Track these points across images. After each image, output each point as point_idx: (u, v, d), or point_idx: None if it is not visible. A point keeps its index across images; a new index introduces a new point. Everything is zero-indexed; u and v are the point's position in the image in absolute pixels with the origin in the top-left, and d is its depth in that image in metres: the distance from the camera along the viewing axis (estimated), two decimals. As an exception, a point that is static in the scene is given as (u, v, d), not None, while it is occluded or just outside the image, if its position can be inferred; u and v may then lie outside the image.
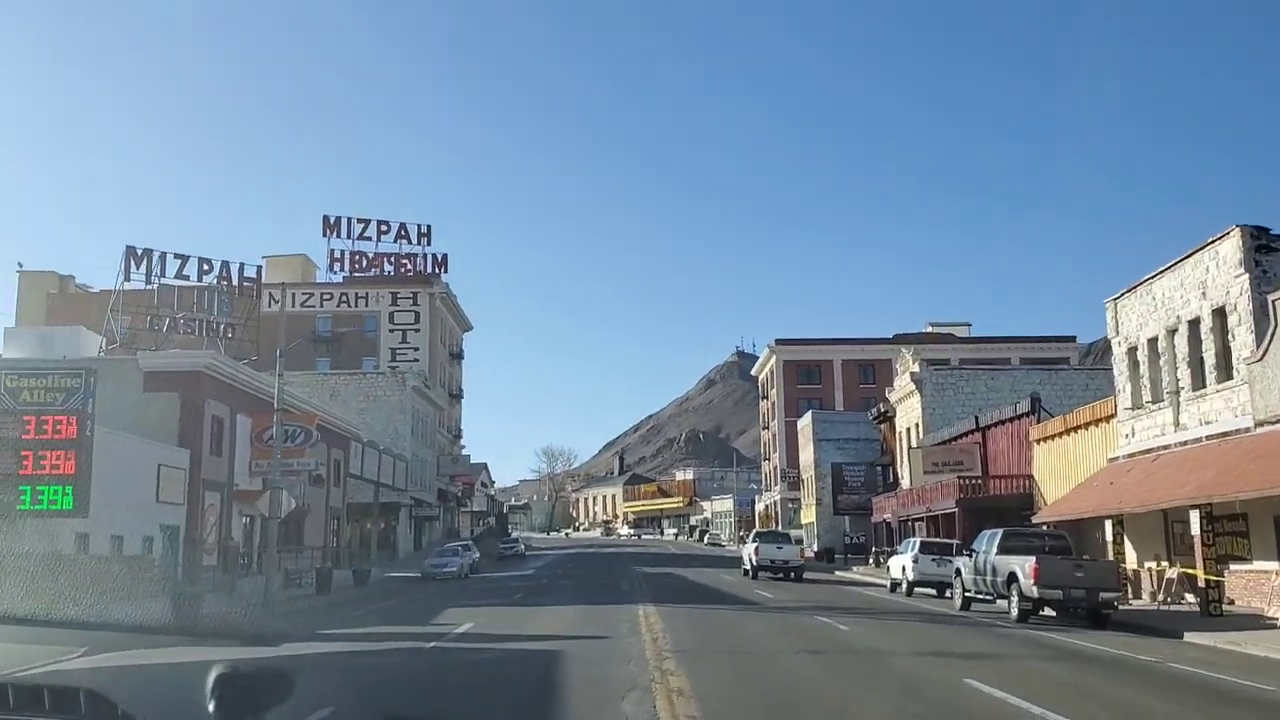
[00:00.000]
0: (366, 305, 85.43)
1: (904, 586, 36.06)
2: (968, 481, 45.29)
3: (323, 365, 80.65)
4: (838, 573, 56.91)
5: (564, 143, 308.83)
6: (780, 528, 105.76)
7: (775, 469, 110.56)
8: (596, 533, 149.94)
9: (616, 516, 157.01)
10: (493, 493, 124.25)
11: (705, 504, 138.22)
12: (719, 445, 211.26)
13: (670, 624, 22.07)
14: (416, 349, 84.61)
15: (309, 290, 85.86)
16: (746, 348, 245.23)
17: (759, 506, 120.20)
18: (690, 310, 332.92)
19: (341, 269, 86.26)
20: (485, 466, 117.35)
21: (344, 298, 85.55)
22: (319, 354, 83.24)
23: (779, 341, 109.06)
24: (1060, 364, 63.58)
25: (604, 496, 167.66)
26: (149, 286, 57.75)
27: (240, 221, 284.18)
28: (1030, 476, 43.26)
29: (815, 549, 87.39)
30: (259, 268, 62.64)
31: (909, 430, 60.86)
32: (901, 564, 36.33)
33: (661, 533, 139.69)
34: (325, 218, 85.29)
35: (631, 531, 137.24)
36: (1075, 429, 38.18)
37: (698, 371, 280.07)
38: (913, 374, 58.26)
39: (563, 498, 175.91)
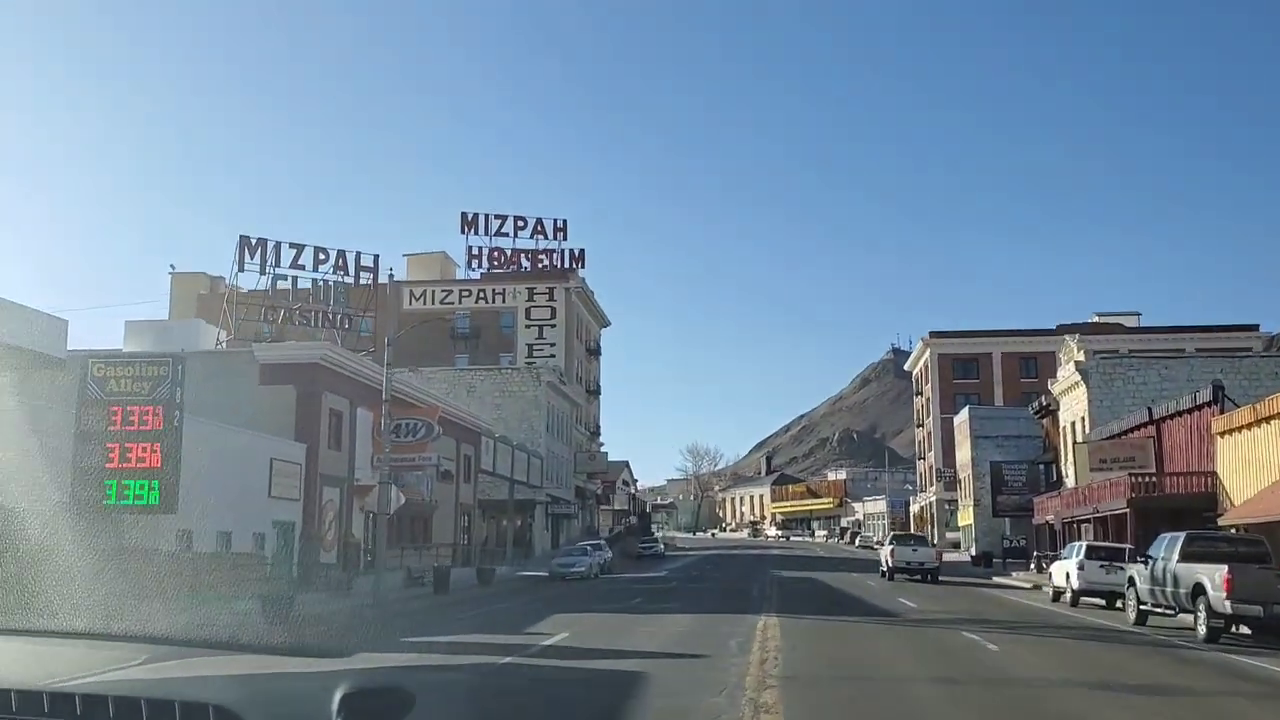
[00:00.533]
0: (503, 301, 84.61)
1: (1068, 596, 32.22)
2: (1140, 479, 40.78)
3: (461, 361, 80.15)
4: (996, 579, 52.72)
5: (705, 136, 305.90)
6: (935, 530, 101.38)
7: (930, 468, 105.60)
8: (744, 533, 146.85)
9: (764, 517, 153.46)
10: (635, 491, 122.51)
11: (856, 505, 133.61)
12: (874, 445, 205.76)
13: (789, 640, 19.26)
14: (553, 344, 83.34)
15: (447, 287, 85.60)
16: (902, 345, 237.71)
17: (913, 508, 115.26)
18: (843, 307, 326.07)
19: (479, 265, 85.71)
20: (627, 464, 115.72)
21: (481, 294, 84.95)
22: (458, 350, 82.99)
23: (933, 334, 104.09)
24: (1243, 353, 57.56)
25: (751, 497, 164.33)
26: (281, 286, 57.29)
27: (382, 220, 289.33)
28: (1213, 473, 38.59)
29: (972, 552, 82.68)
30: (376, 257, 62.55)
31: (1073, 425, 56.13)
32: (1065, 570, 32.49)
33: (811, 534, 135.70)
34: (463, 214, 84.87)
35: (779, 533, 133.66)
36: (1268, 419, 33.54)
37: (852, 370, 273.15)
38: (1077, 364, 53.59)
39: (709, 497, 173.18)
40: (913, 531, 69.75)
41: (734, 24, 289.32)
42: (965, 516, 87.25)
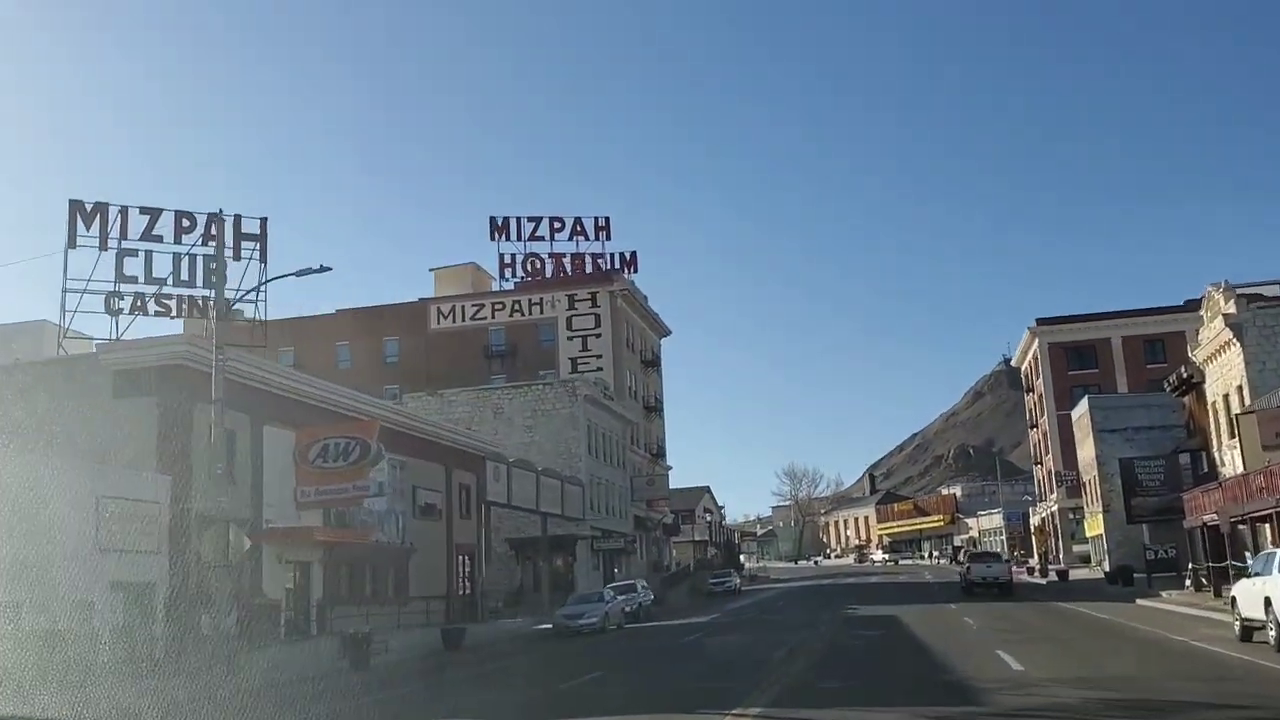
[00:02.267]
0: (541, 312, 74.08)
1: (1272, 633, 19.90)
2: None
3: (499, 382, 69.85)
4: (1139, 600, 39.98)
5: (785, 140, 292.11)
6: (1060, 543, 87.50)
7: (1049, 474, 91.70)
8: (850, 559, 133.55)
9: (870, 540, 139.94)
10: (721, 519, 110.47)
11: (970, 521, 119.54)
12: (990, 460, 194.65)
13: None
14: (599, 356, 72.43)
15: (478, 301, 75.54)
16: (1013, 355, 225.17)
17: (1033, 519, 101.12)
18: (952, 318, 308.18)
19: (513, 274, 75.58)
20: (708, 490, 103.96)
21: (516, 306, 74.60)
22: (494, 370, 72.80)
23: (1040, 322, 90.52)
24: None
25: (856, 519, 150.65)
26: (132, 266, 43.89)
27: (412, 231, 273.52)
28: None
29: (1106, 567, 69.22)
30: (263, 220, 43.14)
31: (1225, 398, 43.09)
32: (1264, 594, 20.16)
33: (922, 555, 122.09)
34: (492, 219, 74.88)
35: (886, 556, 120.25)
36: None
37: (964, 384, 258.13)
38: (1227, 317, 40.63)
39: (811, 522, 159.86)
40: (988, 550, 75.24)
41: (782, 21, 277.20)
42: (1094, 525, 73.52)
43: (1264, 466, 32.11)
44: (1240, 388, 41.02)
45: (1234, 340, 40.83)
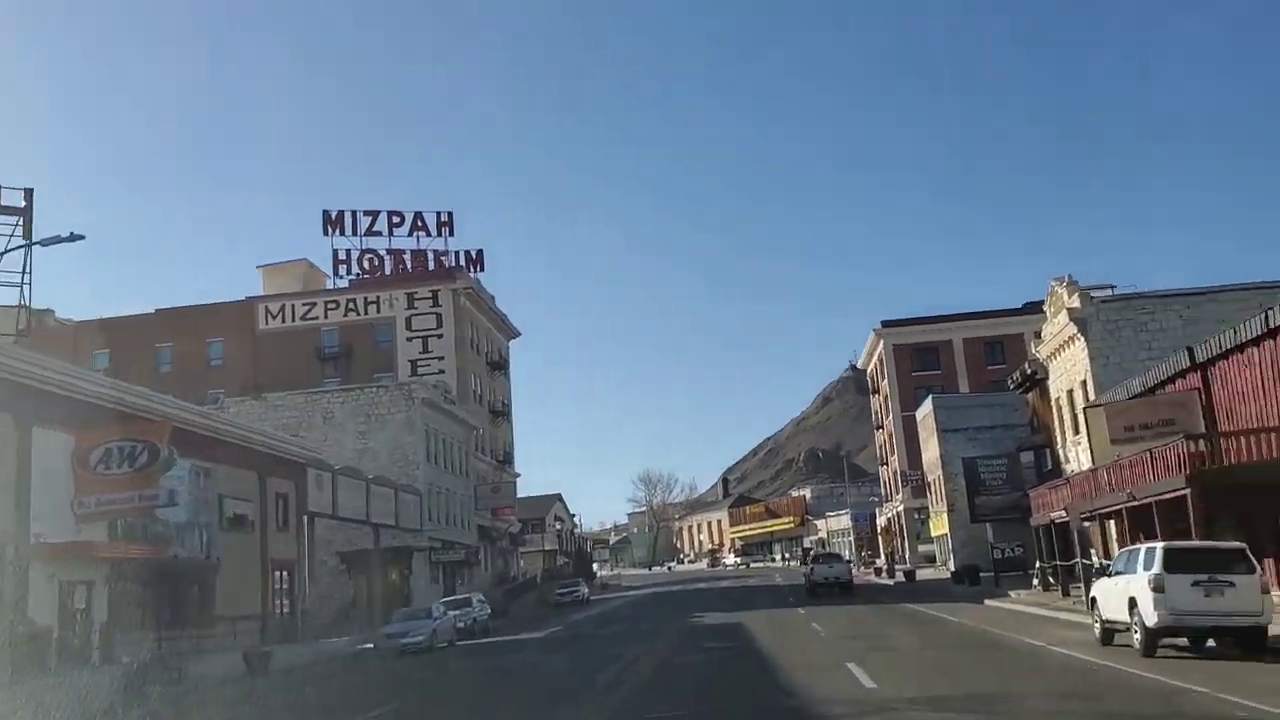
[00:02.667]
0: (379, 311, 70.26)
1: (1137, 636, 18.32)
2: (1195, 449, 27.12)
3: (332, 386, 65.70)
4: (988, 601, 39.01)
5: (637, 140, 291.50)
6: (906, 543, 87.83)
7: (894, 474, 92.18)
8: (703, 564, 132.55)
9: (722, 544, 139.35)
10: (573, 527, 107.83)
11: (819, 523, 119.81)
12: (839, 463, 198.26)
13: None
14: (440, 358, 69.02)
15: (310, 300, 71.17)
16: (860, 361, 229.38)
17: (879, 520, 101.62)
18: (801, 325, 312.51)
19: (349, 271, 71.59)
20: (559, 498, 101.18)
21: (351, 305, 70.59)
22: (327, 374, 68.62)
23: (885, 324, 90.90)
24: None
25: (709, 523, 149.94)
26: None
27: (240, 225, 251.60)
28: (1313, 427, 25.25)
29: (951, 567, 69.25)
30: (27, 191, 38.89)
31: (1069, 394, 42.66)
32: (1128, 594, 18.56)
33: (773, 558, 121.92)
34: (325, 212, 70.92)
35: (738, 560, 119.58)
36: None
37: (814, 389, 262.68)
38: (1071, 312, 40.08)
39: (664, 528, 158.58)
40: (831, 551, 76.80)
41: (633, 11, 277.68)
42: (939, 525, 73.67)
43: (1113, 461, 31.22)
44: (1084, 383, 40.53)
45: (1078, 335, 40.31)
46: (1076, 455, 41.11)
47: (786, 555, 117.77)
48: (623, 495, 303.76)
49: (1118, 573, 19.90)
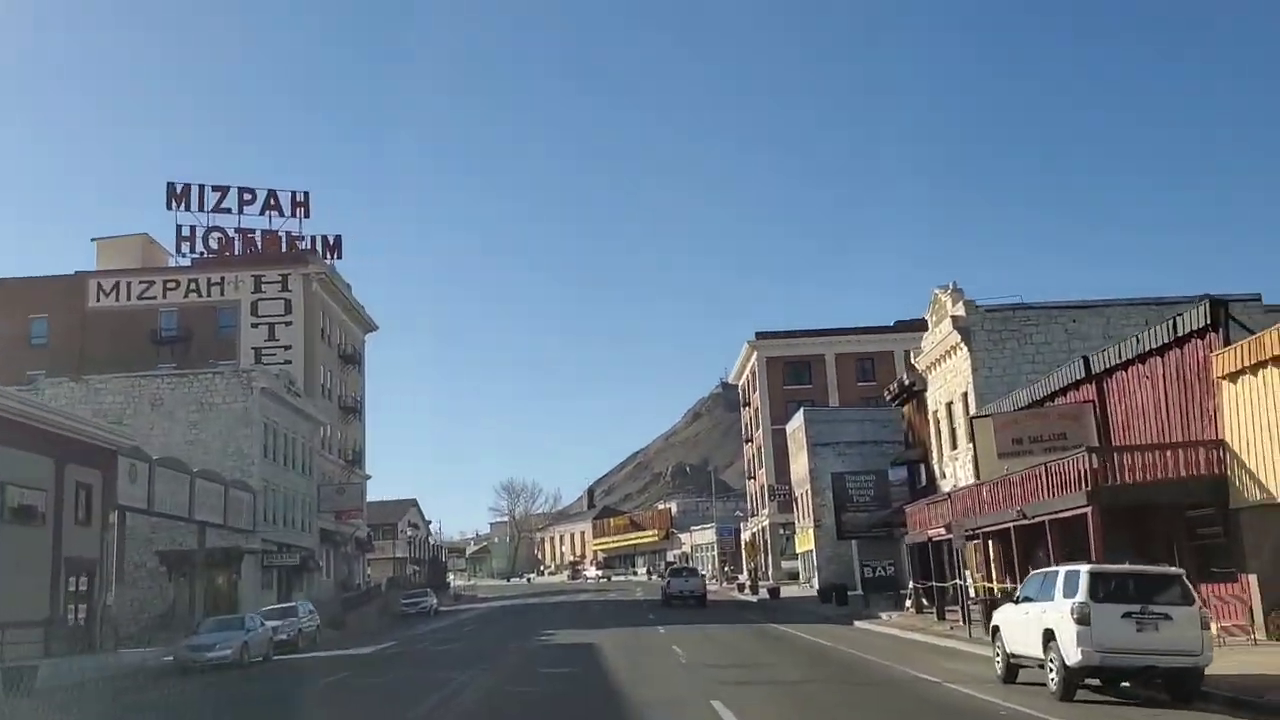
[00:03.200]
0: (223, 294, 64.60)
1: (1053, 676, 15.38)
2: (1098, 464, 24.73)
3: (165, 370, 59.83)
4: (858, 623, 36.42)
5: (509, 142, 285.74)
6: (770, 559, 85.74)
7: (761, 488, 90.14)
8: (564, 576, 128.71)
9: (584, 556, 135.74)
10: (427, 534, 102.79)
11: (684, 536, 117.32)
12: (706, 478, 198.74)
13: None
14: (288, 347, 63.78)
15: (148, 278, 65.09)
16: (731, 378, 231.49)
17: (744, 535, 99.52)
18: (673, 341, 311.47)
19: (193, 249, 65.89)
20: (415, 503, 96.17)
21: (193, 285, 64.74)
22: (163, 358, 62.66)
23: (760, 335, 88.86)
24: (1181, 302, 42.51)
25: (572, 535, 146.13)
26: None
27: (74, 194, 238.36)
28: (1219, 443, 23.08)
29: (816, 585, 67.13)
30: None
31: (948, 406, 40.54)
32: (1042, 625, 15.64)
33: (635, 571, 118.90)
34: (170, 185, 65.24)
35: (600, 573, 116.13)
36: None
37: (683, 405, 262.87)
38: (956, 320, 37.87)
39: (526, 538, 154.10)
40: (687, 565, 75.82)
41: (503, 7, 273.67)
42: (805, 541, 71.59)
43: (1001, 476, 28.83)
44: (965, 394, 38.37)
45: (961, 344, 38.14)
46: (954, 470, 38.93)
47: (651, 569, 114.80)
48: (485, 504, 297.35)
49: (1027, 599, 17.03)
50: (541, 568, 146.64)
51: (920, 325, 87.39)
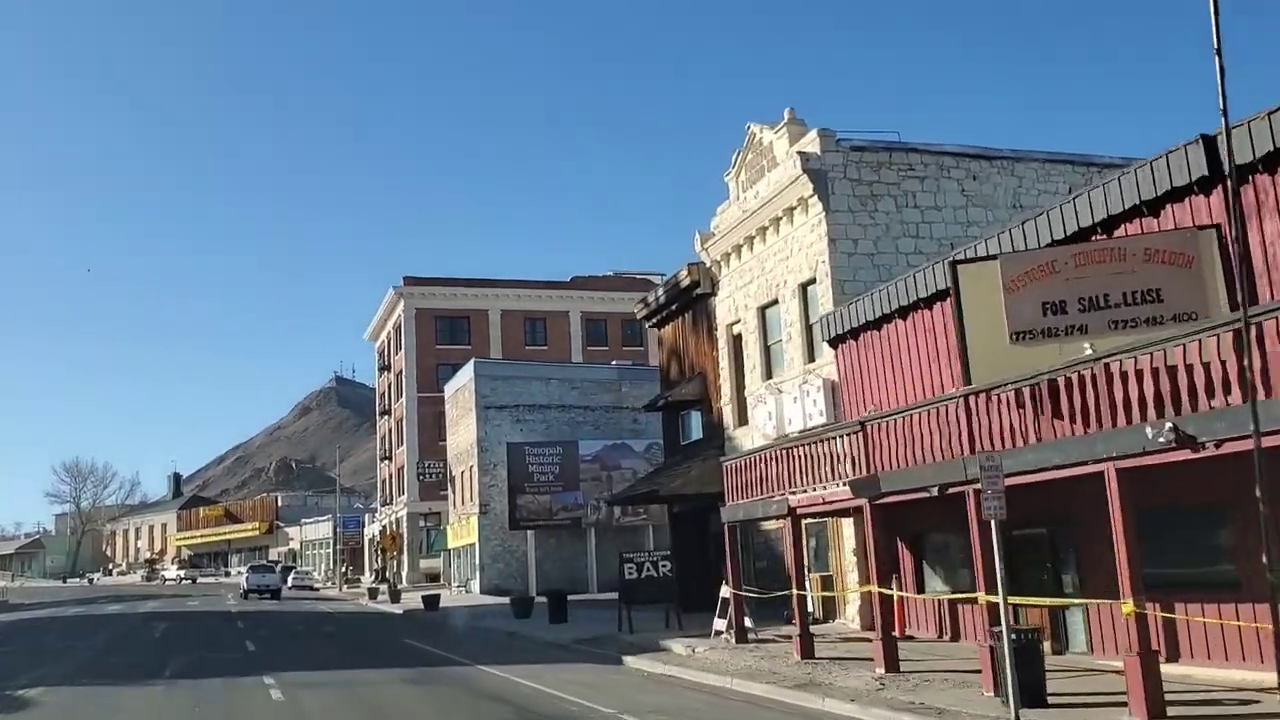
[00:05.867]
0: None
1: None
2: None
3: None
4: (633, 661, 20.07)
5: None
6: (409, 558, 67.68)
7: (399, 472, 71.61)
8: (138, 576, 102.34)
9: (165, 552, 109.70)
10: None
11: (293, 530, 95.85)
12: (315, 474, 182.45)
13: None
14: None
15: None
16: (346, 372, 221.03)
17: (371, 529, 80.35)
18: (282, 328, 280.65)
19: None
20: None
21: None
22: None
23: (409, 281, 70.51)
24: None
25: (151, 528, 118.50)
26: None
27: None
28: None
29: (478, 587, 50.66)
30: None
31: (762, 311, 25.16)
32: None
33: (228, 571, 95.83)
34: None
35: (183, 573, 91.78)
36: None
37: (293, 398, 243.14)
38: (804, 158, 22.37)
39: (93, 532, 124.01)
40: (264, 562, 72.01)
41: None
42: (462, 533, 54.25)
43: (993, 385, 13.47)
44: (807, 285, 23.13)
45: (810, 201, 22.82)
46: (776, 411, 23.37)
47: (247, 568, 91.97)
48: (43, 490, 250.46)
49: None
50: (110, 566, 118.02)
51: (600, 284, 73.12)
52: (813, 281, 22.89)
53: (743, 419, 26.07)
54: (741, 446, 25.94)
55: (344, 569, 75.96)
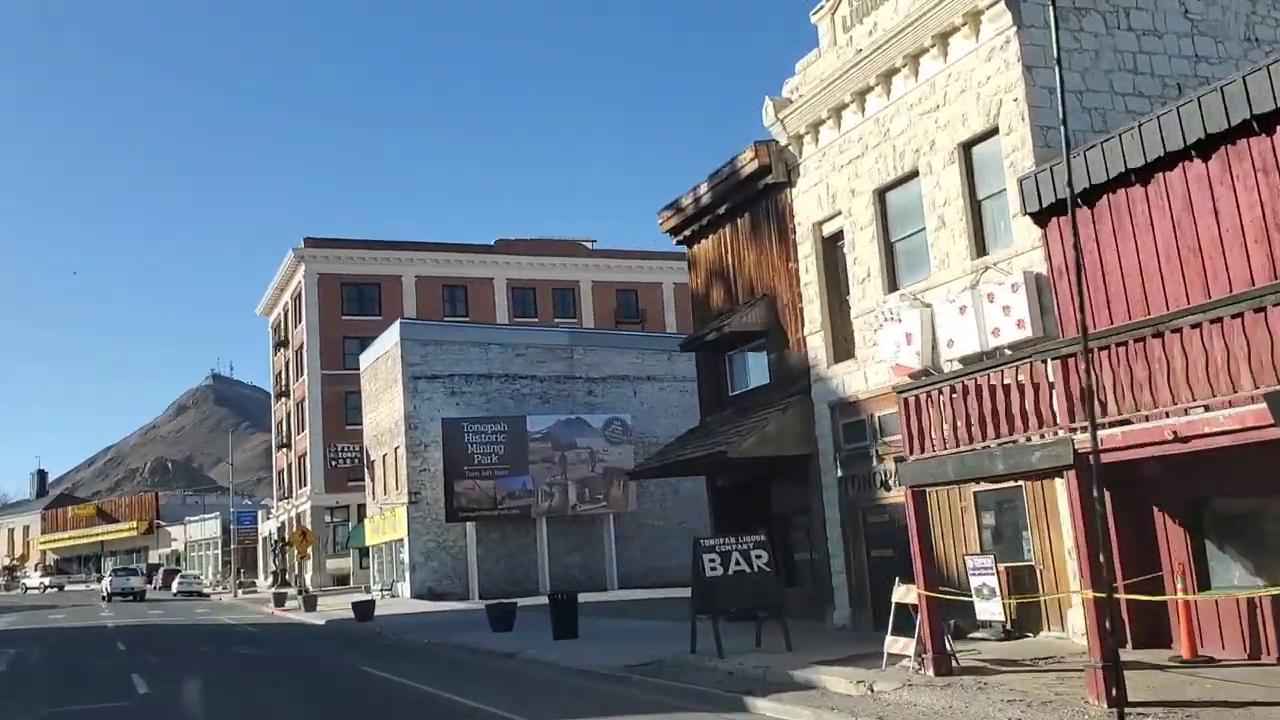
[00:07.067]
0: None
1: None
2: None
3: None
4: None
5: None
6: (316, 559, 58.13)
7: (299, 460, 61.86)
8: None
9: (27, 557, 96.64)
10: None
11: (175, 530, 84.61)
12: (192, 475, 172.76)
13: None
14: None
15: None
16: (224, 370, 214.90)
17: (267, 526, 70.25)
18: (156, 326, 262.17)
19: None
20: None
21: None
22: None
23: (310, 242, 60.75)
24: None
25: (11, 530, 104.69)
26: None
27: None
28: None
29: (407, 590, 41.98)
30: None
31: (880, 199, 17.37)
32: None
33: (100, 576, 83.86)
34: None
35: (48, 580, 79.79)
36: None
37: (167, 397, 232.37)
38: (978, -46, 14.88)
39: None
40: (128, 566, 66.42)
41: None
42: (385, 527, 45.15)
43: None
44: (981, 137, 15.52)
45: (991, 9, 15.07)
46: (924, 335, 15.67)
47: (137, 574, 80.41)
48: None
49: None
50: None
51: (528, 248, 64.29)
52: (987, 136, 15.28)
53: (843, 352, 18.29)
54: (843, 390, 18.19)
55: (239, 572, 65.73)
